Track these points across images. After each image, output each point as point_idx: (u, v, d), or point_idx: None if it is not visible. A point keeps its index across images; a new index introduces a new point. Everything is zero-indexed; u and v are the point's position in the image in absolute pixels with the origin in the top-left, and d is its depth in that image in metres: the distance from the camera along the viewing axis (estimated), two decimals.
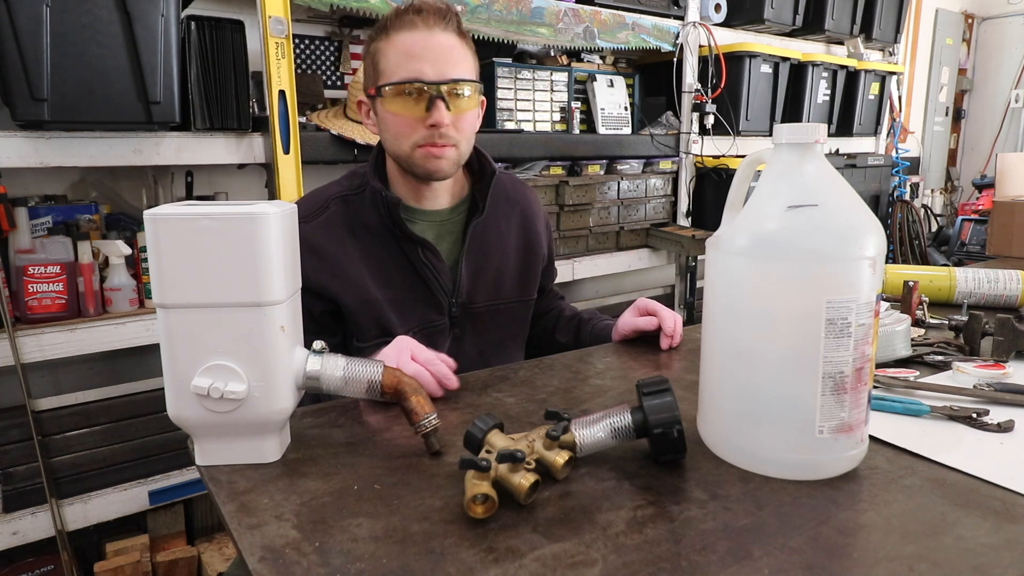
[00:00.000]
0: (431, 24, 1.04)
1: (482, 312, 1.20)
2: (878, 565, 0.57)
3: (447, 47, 1.05)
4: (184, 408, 0.72)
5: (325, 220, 1.12)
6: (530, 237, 1.27)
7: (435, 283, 1.14)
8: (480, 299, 1.19)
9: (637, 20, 2.47)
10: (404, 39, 1.04)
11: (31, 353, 1.52)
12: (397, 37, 1.05)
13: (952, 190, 5.03)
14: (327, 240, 1.11)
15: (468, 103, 1.07)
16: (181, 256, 0.69)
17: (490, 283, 1.20)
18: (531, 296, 1.28)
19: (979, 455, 0.76)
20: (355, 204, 1.14)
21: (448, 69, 1.04)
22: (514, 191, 1.27)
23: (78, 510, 1.67)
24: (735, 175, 0.79)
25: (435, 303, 1.16)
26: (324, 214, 1.12)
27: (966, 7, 4.81)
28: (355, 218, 1.13)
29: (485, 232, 1.19)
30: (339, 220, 1.13)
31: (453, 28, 1.06)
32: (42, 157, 1.49)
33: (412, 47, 1.03)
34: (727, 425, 0.75)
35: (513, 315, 1.25)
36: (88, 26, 1.42)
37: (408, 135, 1.06)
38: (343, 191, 1.15)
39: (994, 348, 1.09)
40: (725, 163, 2.67)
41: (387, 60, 1.06)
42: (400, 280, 1.13)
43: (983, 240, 3.69)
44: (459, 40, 1.07)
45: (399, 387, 0.78)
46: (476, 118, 1.12)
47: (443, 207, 1.18)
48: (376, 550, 0.59)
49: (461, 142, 1.08)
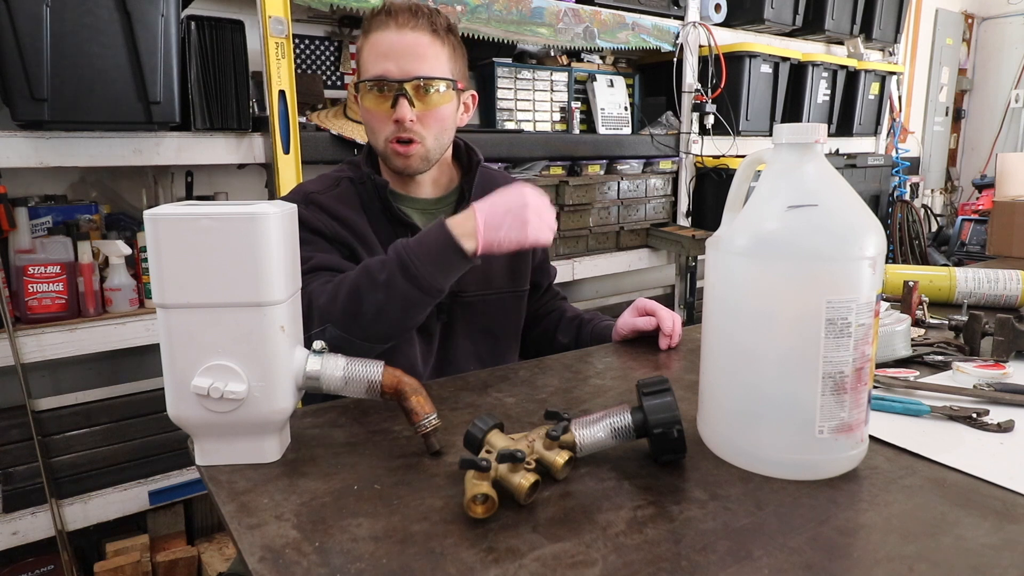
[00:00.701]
0: (401, 23, 1.08)
1: (473, 302, 1.22)
2: (878, 565, 0.57)
3: (415, 45, 1.08)
4: (184, 408, 0.72)
5: (339, 193, 1.17)
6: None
7: None
8: (470, 289, 1.21)
9: (637, 20, 2.47)
10: (377, 38, 1.09)
11: (31, 353, 1.53)
12: (372, 36, 1.10)
13: (952, 190, 5.03)
14: (341, 207, 1.15)
15: (438, 99, 1.11)
16: (181, 256, 0.69)
17: (479, 272, 1.21)
18: (522, 288, 1.29)
19: (979, 455, 0.76)
20: (359, 188, 1.19)
21: (414, 67, 1.08)
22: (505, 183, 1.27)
23: (78, 510, 1.67)
24: (735, 175, 0.79)
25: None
26: (337, 188, 1.17)
27: (966, 7, 4.81)
28: (359, 199, 1.18)
29: None
30: (349, 194, 1.18)
31: (425, 27, 1.09)
32: (42, 157, 1.49)
33: (381, 45, 1.08)
34: (727, 425, 0.75)
35: (504, 306, 1.26)
36: (88, 26, 1.42)
37: (379, 130, 1.12)
38: (349, 175, 1.20)
39: (994, 348, 1.09)
40: (725, 163, 2.67)
41: (363, 58, 1.12)
42: None
43: (983, 240, 3.69)
44: (432, 38, 1.10)
45: (399, 387, 0.78)
46: (450, 112, 1.14)
47: (427, 196, 1.22)
48: (376, 550, 0.59)
49: (427, 138, 1.12)
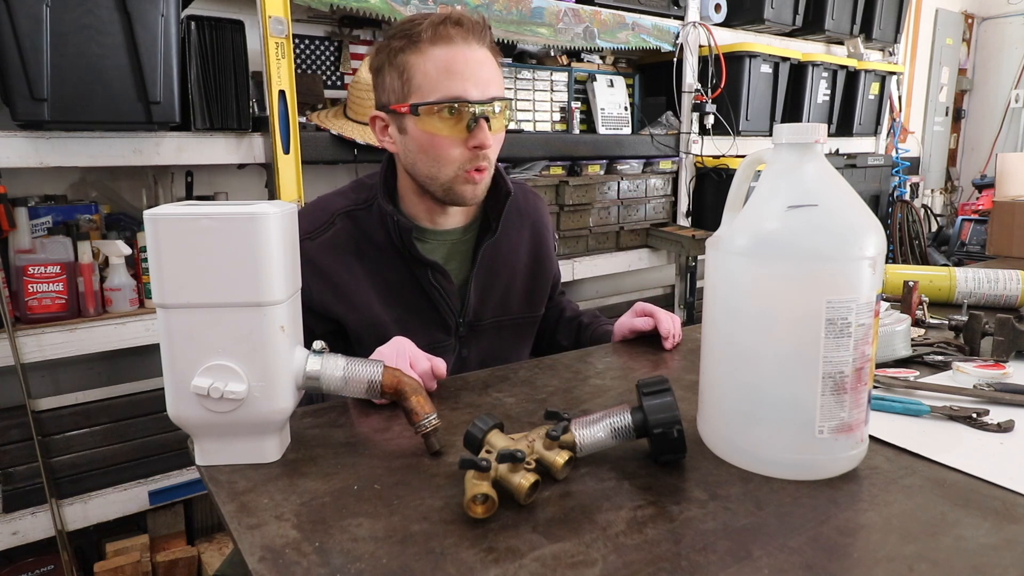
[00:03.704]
0: (469, 39, 0.97)
1: (487, 327, 1.18)
2: (878, 565, 0.57)
3: (486, 64, 0.99)
4: (184, 408, 0.72)
5: (330, 239, 1.07)
6: (540, 252, 1.24)
7: (443, 304, 1.11)
8: (487, 315, 1.17)
9: (637, 20, 2.47)
10: (442, 54, 0.96)
11: (31, 353, 1.53)
12: (433, 51, 0.97)
13: (952, 190, 5.03)
14: (332, 261, 1.06)
15: (504, 122, 1.03)
16: (181, 256, 0.69)
17: (497, 300, 1.18)
18: (538, 312, 1.25)
19: (979, 455, 0.76)
20: (362, 221, 1.09)
21: (490, 87, 0.99)
22: (525, 203, 1.23)
23: (78, 510, 1.67)
24: (735, 175, 0.79)
25: (442, 323, 1.13)
26: (330, 231, 1.07)
27: (966, 7, 4.80)
28: (362, 236, 1.08)
29: (496, 251, 1.16)
30: (345, 238, 1.08)
31: (488, 43, 1.00)
32: (42, 157, 1.49)
33: (452, 63, 0.96)
34: (727, 425, 0.75)
35: (518, 330, 1.23)
36: (88, 26, 1.42)
37: (450, 158, 1.00)
38: (349, 205, 1.09)
39: (994, 348, 1.09)
40: (725, 163, 2.67)
41: (424, 76, 0.97)
42: (407, 300, 1.10)
43: (983, 240, 3.69)
44: (492, 56, 1.02)
45: (399, 387, 0.78)
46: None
47: (455, 227, 1.14)
48: (376, 550, 0.59)
49: (493, 164, 1.05)
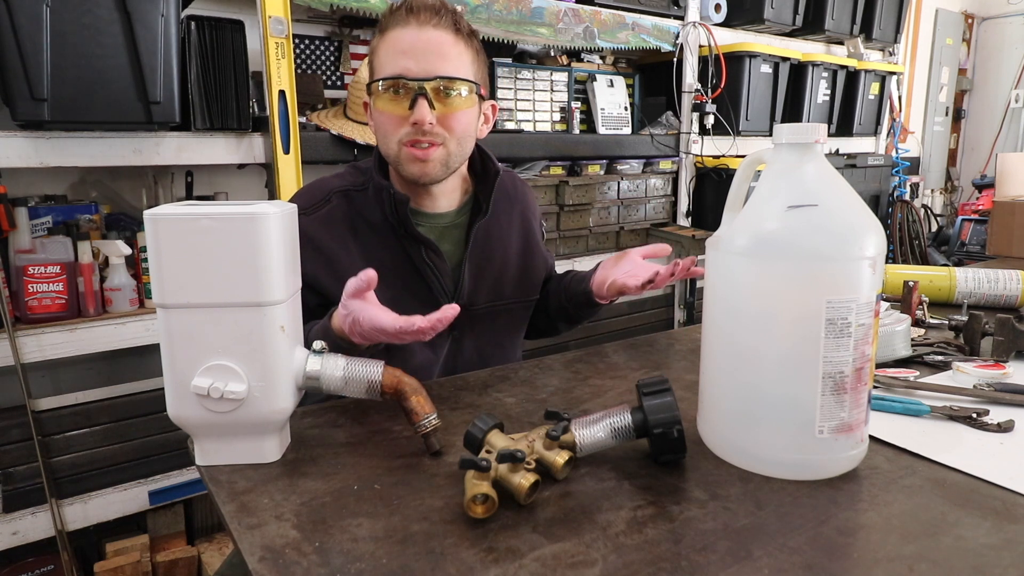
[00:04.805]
0: (423, 21, 1.02)
1: (482, 314, 1.18)
2: (878, 565, 0.57)
3: (437, 43, 1.02)
4: (184, 408, 0.72)
5: (326, 214, 1.10)
6: (529, 238, 1.26)
7: (436, 284, 1.12)
8: (480, 301, 1.18)
9: (637, 20, 2.47)
10: (395, 35, 1.03)
11: (31, 353, 1.53)
12: (390, 34, 1.04)
13: (952, 190, 5.03)
14: (326, 235, 1.08)
15: (460, 102, 1.04)
16: (181, 256, 0.69)
17: (491, 284, 1.19)
18: (532, 297, 1.26)
19: (979, 455, 0.76)
20: (357, 200, 1.12)
21: (436, 66, 1.01)
22: (514, 189, 1.26)
23: (78, 510, 1.67)
24: (735, 175, 0.79)
25: (435, 304, 1.12)
26: (325, 207, 1.10)
27: (966, 7, 4.81)
28: (357, 214, 1.11)
29: (488, 233, 1.18)
30: (340, 215, 1.10)
31: (448, 25, 1.03)
32: (42, 157, 1.49)
33: (400, 43, 1.02)
34: (727, 425, 0.75)
35: (512, 316, 1.24)
36: (88, 26, 1.42)
37: (392, 133, 1.05)
38: (345, 185, 1.13)
39: (994, 348, 1.09)
40: (725, 163, 2.67)
41: (378, 58, 1.05)
42: (400, 280, 1.11)
43: (983, 240, 3.69)
44: (455, 38, 1.04)
45: (399, 387, 0.78)
46: (472, 118, 1.08)
47: (447, 210, 1.16)
48: (376, 550, 0.59)
49: (450, 141, 1.05)
